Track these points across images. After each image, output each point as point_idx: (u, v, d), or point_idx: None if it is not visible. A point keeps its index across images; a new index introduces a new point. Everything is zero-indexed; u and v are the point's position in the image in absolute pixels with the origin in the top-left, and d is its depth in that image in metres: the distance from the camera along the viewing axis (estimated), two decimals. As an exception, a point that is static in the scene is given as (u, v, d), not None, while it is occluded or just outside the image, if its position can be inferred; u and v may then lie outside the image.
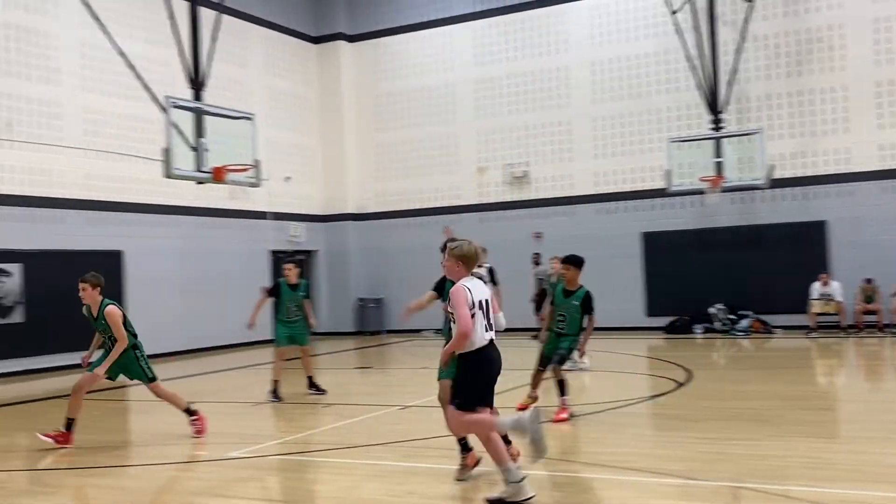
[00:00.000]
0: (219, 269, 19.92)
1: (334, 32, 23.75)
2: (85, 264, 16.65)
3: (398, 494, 6.41)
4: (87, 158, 17.17)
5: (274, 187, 21.53)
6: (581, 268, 9.23)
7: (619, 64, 20.79)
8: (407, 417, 10.02)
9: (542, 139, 21.59)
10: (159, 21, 18.50)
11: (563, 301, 9.19)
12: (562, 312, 9.17)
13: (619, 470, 6.84)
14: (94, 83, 17.45)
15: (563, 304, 9.18)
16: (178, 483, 7.05)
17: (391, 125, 23.44)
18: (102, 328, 8.58)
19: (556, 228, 21.20)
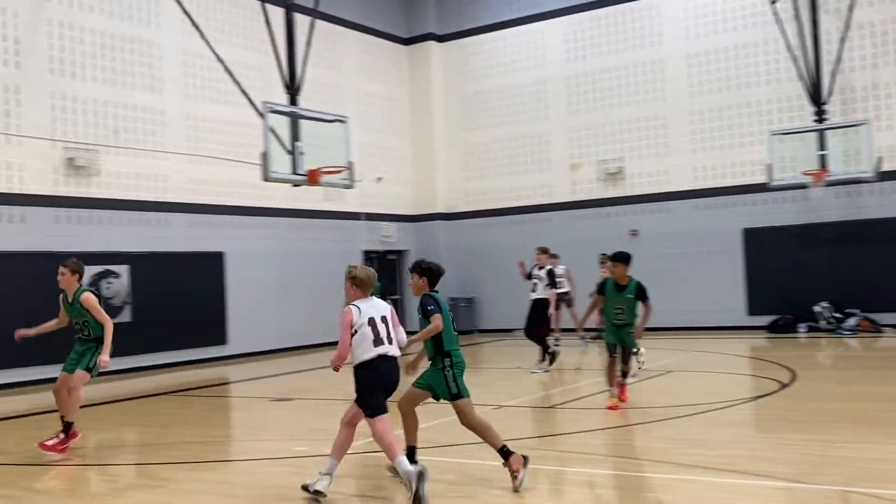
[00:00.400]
0: (313, 269, 20.30)
1: (425, 33, 23.91)
2: (188, 266, 17.38)
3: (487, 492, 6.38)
4: (189, 163, 17.75)
5: (366, 188, 21.82)
6: (629, 263, 9.68)
7: (717, 56, 20.25)
8: (500, 417, 9.98)
9: (636, 134, 21.22)
10: (256, 28, 19.04)
11: (617, 295, 9.66)
12: (619, 306, 9.64)
13: (722, 472, 6.65)
14: (195, 90, 18.03)
15: (617, 298, 9.66)
16: (278, 478, 7.19)
17: (481, 124, 23.44)
18: (77, 314, 8.55)
19: (652, 226, 20.80)
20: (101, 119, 16.15)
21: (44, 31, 15.41)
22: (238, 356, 18.12)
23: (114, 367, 15.73)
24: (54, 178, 15.37)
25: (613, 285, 9.70)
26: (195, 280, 17.44)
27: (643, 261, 20.53)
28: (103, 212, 16.06)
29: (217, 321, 17.90)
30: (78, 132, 15.76)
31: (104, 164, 16.09)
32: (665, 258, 20.46)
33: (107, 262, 15.93)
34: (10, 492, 6.93)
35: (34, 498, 6.93)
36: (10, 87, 14.80)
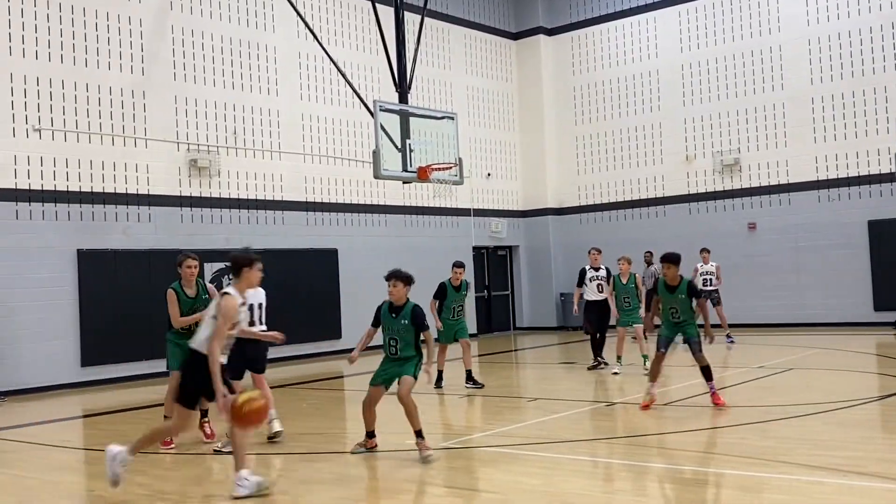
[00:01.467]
0: (424, 264, 20.46)
1: (533, 27, 23.78)
2: (304, 262, 17.86)
3: (607, 491, 6.32)
4: (303, 162, 18.23)
5: (476, 184, 21.90)
6: (678, 263, 9.70)
7: (840, 40, 19.34)
8: (613, 414, 9.86)
9: (754, 124, 20.51)
10: (366, 28, 19.40)
11: (669, 296, 9.73)
12: (672, 306, 9.71)
13: (847, 474, 6.37)
14: (308, 91, 18.49)
15: (670, 299, 9.72)
16: (393, 470, 7.32)
17: (592, 117, 23.14)
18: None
19: (771, 218, 20.09)
20: (221, 121, 16.78)
21: (168, 38, 16.12)
22: (352, 350, 18.45)
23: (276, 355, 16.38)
24: (178, 179, 16.06)
25: (664, 286, 9.77)
26: (310, 276, 17.90)
27: (761, 255, 19.98)
28: (223, 210, 16.69)
29: (331, 316, 18.33)
30: (199, 134, 16.42)
31: (223, 165, 16.72)
32: (785, 252, 19.74)
33: (227, 260, 16.50)
34: (138, 478, 7.28)
35: (157, 484, 7.26)
36: (136, 92, 15.55)
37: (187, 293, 8.70)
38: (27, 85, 14.17)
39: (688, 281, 9.82)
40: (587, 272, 13.78)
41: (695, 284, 9.94)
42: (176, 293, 8.63)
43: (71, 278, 14.54)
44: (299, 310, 17.44)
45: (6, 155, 13.92)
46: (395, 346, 8.05)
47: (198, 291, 8.79)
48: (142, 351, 14.92)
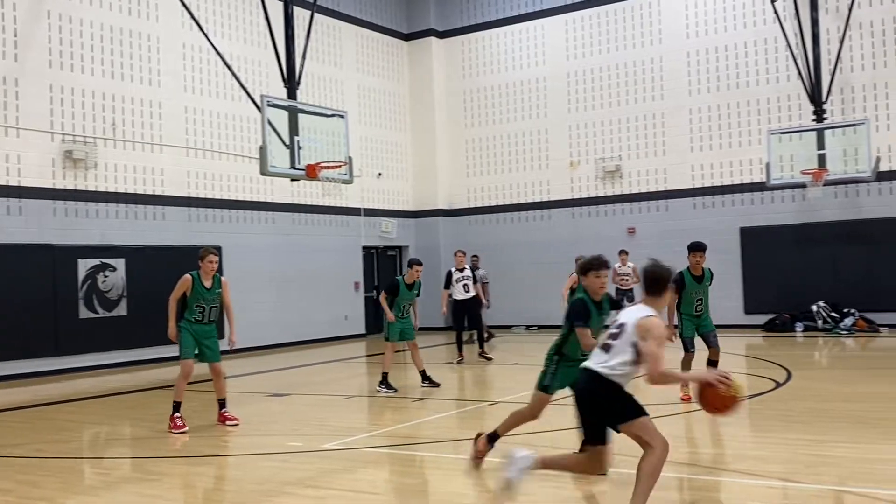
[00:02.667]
0: (313, 264, 20.30)
1: (425, 29, 23.87)
2: (185, 260, 17.30)
3: (488, 490, 6.38)
4: (186, 157, 17.73)
5: (366, 184, 21.81)
6: (705, 252, 10.09)
7: (717, 54, 20.22)
8: (497, 413, 9.98)
9: (635, 132, 21.21)
10: (255, 22, 19.03)
11: (697, 286, 10.02)
12: (699, 297, 10.03)
13: (717, 471, 6.65)
14: (193, 83, 17.99)
15: (697, 289, 10.02)
16: (272, 473, 7.19)
17: (482, 120, 23.42)
18: (215, 298, 9.47)
19: (649, 223, 20.81)
20: (99, 112, 16.12)
21: (43, 23, 15.37)
22: (235, 351, 18.06)
23: (109, 361, 15.81)
24: (52, 171, 15.34)
25: (692, 277, 10.00)
26: (192, 274, 17.39)
27: (640, 258, 20.63)
28: (100, 205, 16.04)
29: (214, 315, 17.86)
30: (76, 125, 15.73)
31: (101, 157, 16.07)
32: (663, 256, 20.38)
33: (103, 256, 15.91)
34: (3, 484, 6.92)
35: (28, 490, 6.92)
36: (9, 79, 14.77)
37: (205, 284, 9.36)
38: None
39: (709, 269, 10.07)
40: (453, 273, 14.31)
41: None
42: (193, 280, 9.36)
43: (-69, 273, 13.69)
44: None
45: None
46: None
47: (213, 284, 9.40)
48: (10, 351, 14.22)
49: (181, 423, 9.17)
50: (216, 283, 9.45)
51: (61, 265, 15.19)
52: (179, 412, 9.28)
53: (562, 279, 19.97)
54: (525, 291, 21.90)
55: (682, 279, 9.94)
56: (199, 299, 9.34)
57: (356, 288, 21.69)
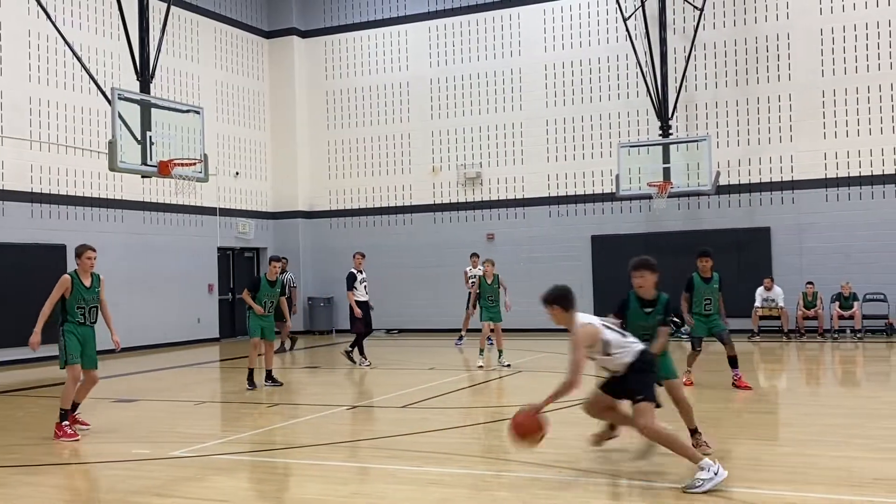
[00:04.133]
0: (165, 265, 19.61)
1: (287, 27, 23.54)
2: (28, 258, 16.39)
3: (342, 495, 6.36)
4: (31, 150, 16.75)
5: (223, 183, 21.28)
6: (712, 257, 11.12)
7: (573, 68, 20.94)
8: (354, 418, 9.96)
9: (495, 140, 21.67)
10: (107, 11, 18.23)
11: (705, 288, 11.04)
12: (707, 297, 11.01)
13: (564, 470, 6.86)
14: (39, 73, 17.03)
15: (706, 290, 11.04)
16: (117, 482, 6.90)
17: (345, 122, 23.31)
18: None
19: (508, 230, 21.30)
20: (-69, 98, 15.02)
21: None
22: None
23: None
24: None
25: (701, 279, 11.02)
26: (34, 274, 16.45)
27: (499, 263, 21.04)
28: (-69, 198, 14.94)
29: (57, 317, 16.94)
30: None
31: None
32: (519, 262, 20.99)
33: (-67, 253, 14.81)
34: None
35: None
36: None
37: (84, 283, 9.33)
38: None
39: (718, 273, 10.97)
40: (356, 275, 14.31)
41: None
42: (72, 280, 9.30)
43: None
44: (21, 310, 15.95)
45: None
46: None
47: (93, 283, 9.47)
48: None
49: (71, 432, 8.68)
50: (95, 282, 9.24)
51: None
52: (68, 420, 8.76)
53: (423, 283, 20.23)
54: (387, 295, 21.89)
55: (692, 281, 11.08)
56: (80, 300, 9.04)
57: (210, 290, 21.10)
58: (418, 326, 21.50)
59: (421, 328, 21.38)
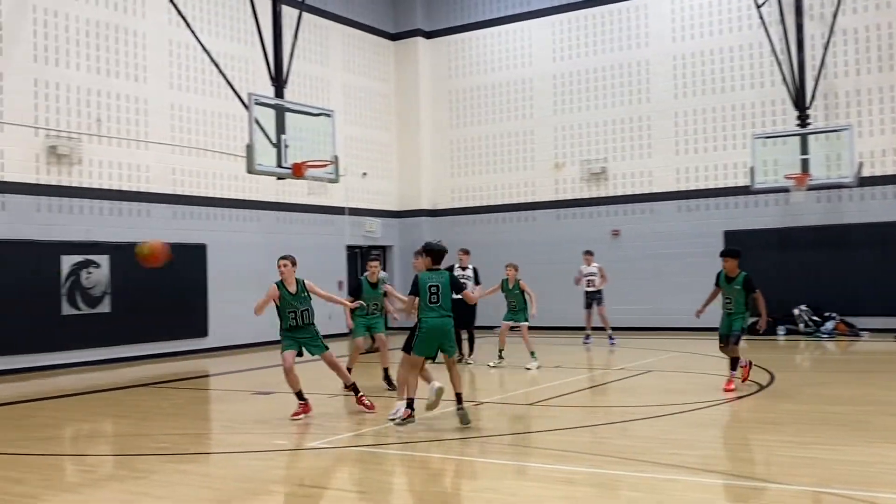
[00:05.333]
0: (299, 263, 20.22)
1: (412, 29, 23.88)
2: (170, 257, 17.26)
3: (473, 489, 6.41)
4: (173, 154, 17.66)
5: (351, 183, 21.80)
6: (737, 257, 10.88)
7: (703, 58, 20.35)
8: (482, 414, 10.02)
9: (620, 135, 21.31)
10: (243, 19, 18.99)
11: (727, 286, 10.88)
12: (728, 296, 10.86)
13: (700, 472, 6.71)
14: (180, 80, 17.93)
15: (728, 289, 10.87)
16: (259, 472, 7.19)
17: (468, 121, 23.46)
18: (304, 301, 9.86)
19: (634, 226, 20.91)
20: (84, 107, 16.04)
21: (29, 17, 15.28)
22: (218, 349, 18.07)
23: (93, 358, 15.73)
24: (36, 167, 15.25)
25: (725, 277, 10.87)
26: (176, 272, 17.29)
27: (624, 261, 20.76)
28: (84, 201, 15.95)
29: (198, 313, 17.81)
30: (60, 120, 15.64)
31: (86, 153, 15.99)
32: (646, 259, 20.57)
33: (87, 252, 15.82)
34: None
35: (10, 487, 6.89)
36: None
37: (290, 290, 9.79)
38: None
39: (745, 274, 10.77)
40: (456, 271, 14.37)
41: (751, 279, 10.77)
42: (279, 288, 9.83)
43: (-88, 268, 13.57)
44: (164, 306, 16.88)
45: None
46: None
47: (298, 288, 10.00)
48: None
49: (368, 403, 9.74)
50: (300, 287, 9.88)
51: (44, 261, 15.09)
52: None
53: (546, 280, 20.11)
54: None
55: (717, 279, 11.00)
56: (289, 305, 9.68)
57: (340, 287, 21.65)
58: (541, 324, 21.33)
59: (543, 326, 21.24)
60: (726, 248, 11.34)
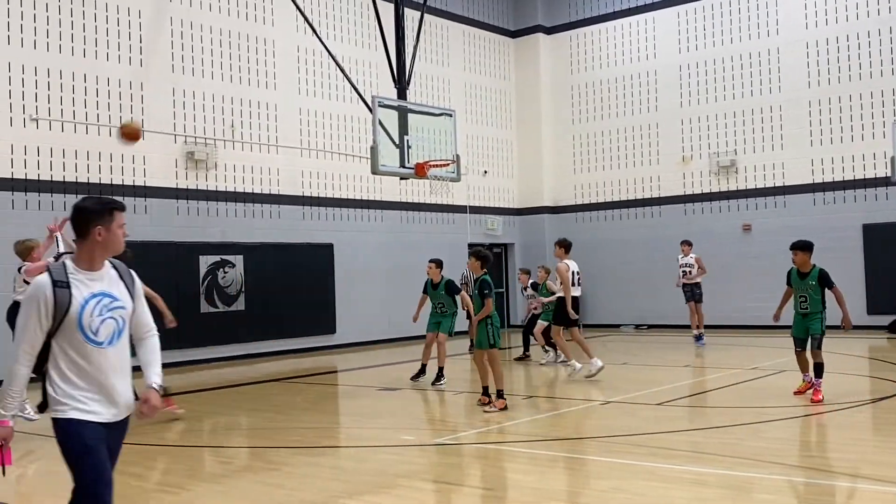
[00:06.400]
0: (420, 261, 20.46)
1: (532, 25, 23.79)
2: (299, 256, 17.86)
3: (601, 489, 6.35)
4: (300, 157, 18.23)
5: (472, 181, 21.92)
6: (809, 251, 9.92)
7: (838, 44, 19.39)
8: (608, 413, 9.90)
9: (751, 126, 20.56)
10: (366, 24, 19.40)
11: (800, 283, 9.93)
12: (802, 294, 9.90)
13: (837, 476, 6.42)
14: (307, 86, 18.48)
15: (800, 286, 9.92)
16: (387, 466, 7.35)
17: (590, 116, 23.17)
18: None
19: (765, 220, 20.15)
20: (219, 114, 16.76)
21: (166, 29, 16.09)
22: (346, 346, 18.54)
23: (228, 354, 16.44)
24: (175, 171, 16.05)
25: (797, 273, 9.96)
26: (305, 270, 17.90)
27: (755, 257, 20.04)
28: (220, 203, 16.68)
29: (326, 311, 18.33)
30: (196, 127, 16.40)
31: (221, 158, 16.71)
32: (778, 254, 19.73)
33: (222, 253, 16.54)
34: (135, 470, 7.31)
35: (158, 476, 7.29)
36: (134, 83, 15.53)
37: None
38: (25, 74, 14.14)
39: (819, 269, 9.86)
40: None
41: (827, 273, 9.84)
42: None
43: (66, 269, 14.51)
44: (294, 304, 17.46)
45: (3, 144, 13.89)
46: None
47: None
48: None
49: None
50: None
51: (184, 262, 15.87)
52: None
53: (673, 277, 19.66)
54: (634, 290, 21.59)
55: (787, 278, 10.12)
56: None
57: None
58: (668, 322, 20.90)
59: (670, 324, 20.77)
60: (797, 241, 10.08)
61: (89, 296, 3.91)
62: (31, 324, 3.85)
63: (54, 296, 3.84)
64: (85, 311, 3.88)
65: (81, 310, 3.87)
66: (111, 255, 4.07)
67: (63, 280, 3.89)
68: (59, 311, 3.84)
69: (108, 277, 4.02)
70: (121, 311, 4.01)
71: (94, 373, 3.91)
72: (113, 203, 4.07)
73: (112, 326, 3.97)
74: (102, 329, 3.93)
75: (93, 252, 3.98)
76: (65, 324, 3.86)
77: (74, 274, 3.93)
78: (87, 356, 3.89)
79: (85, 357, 3.89)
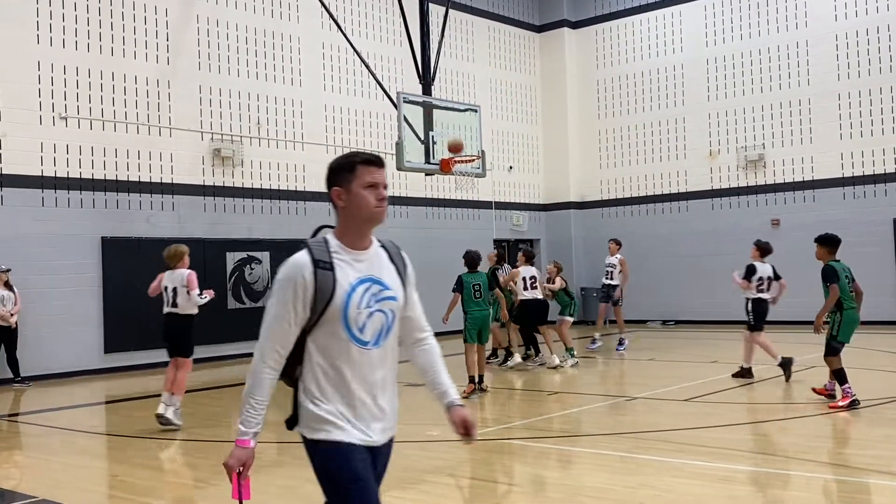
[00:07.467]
0: (446, 257, 20.50)
1: (558, 20, 23.67)
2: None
3: (629, 485, 6.31)
4: (326, 153, 18.27)
5: (498, 177, 21.87)
6: (823, 244, 9.67)
7: (868, 36, 19.09)
8: (636, 409, 9.85)
9: (779, 119, 20.33)
10: (391, 20, 19.41)
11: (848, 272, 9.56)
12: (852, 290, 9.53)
13: (868, 472, 6.33)
14: (332, 82, 18.52)
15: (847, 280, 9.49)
16: (413, 461, 7.35)
17: (615, 111, 23.03)
18: None
19: (795, 215, 19.91)
20: (245, 111, 16.85)
21: (193, 27, 16.20)
22: (371, 341, 18.53)
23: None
24: (202, 168, 16.16)
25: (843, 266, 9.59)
26: (331, 267, 17.91)
27: (784, 252, 19.79)
28: (246, 200, 16.77)
29: (351, 307, 18.34)
30: (223, 124, 16.50)
31: (247, 155, 16.80)
32: (808, 250, 19.47)
33: (249, 249, 16.63)
34: (164, 465, 7.36)
35: (185, 471, 7.32)
36: (161, 81, 15.65)
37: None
38: (54, 73, 14.30)
39: (826, 264, 9.51)
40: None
41: (831, 268, 9.43)
42: None
43: (95, 265, 14.69)
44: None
45: (33, 142, 14.06)
46: None
47: None
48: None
49: None
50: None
51: (211, 258, 15.97)
52: None
53: (699, 273, 19.53)
54: (661, 286, 21.44)
55: (835, 271, 9.52)
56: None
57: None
58: (694, 318, 20.74)
59: (697, 320, 20.62)
60: (820, 235, 9.76)
61: (356, 281, 3.08)
62: (284, 315, 3.04)
63: (314, 279, 3.01)
64: (351, 300, 3.04)
65: (348, 299, 3.03)
66: (368, 226, 3.23)
67: (325, 260, 3.06)
68: (319, 300, 3.00)
69: (375, 258, 3.21)
70: (391, 302, 3.17)
71: (357, 381, 3.10)
72: (355, 156, 3.18)
73: (380, 322, 3.13)
74: (369, 325, 3.09)
75: (346, 223, 3.16)
76: (326, 316, 3.03)
77: (338, 253, 3.11)
78: (350, 360, 3.07)
79: (348, 361, 3.07)
